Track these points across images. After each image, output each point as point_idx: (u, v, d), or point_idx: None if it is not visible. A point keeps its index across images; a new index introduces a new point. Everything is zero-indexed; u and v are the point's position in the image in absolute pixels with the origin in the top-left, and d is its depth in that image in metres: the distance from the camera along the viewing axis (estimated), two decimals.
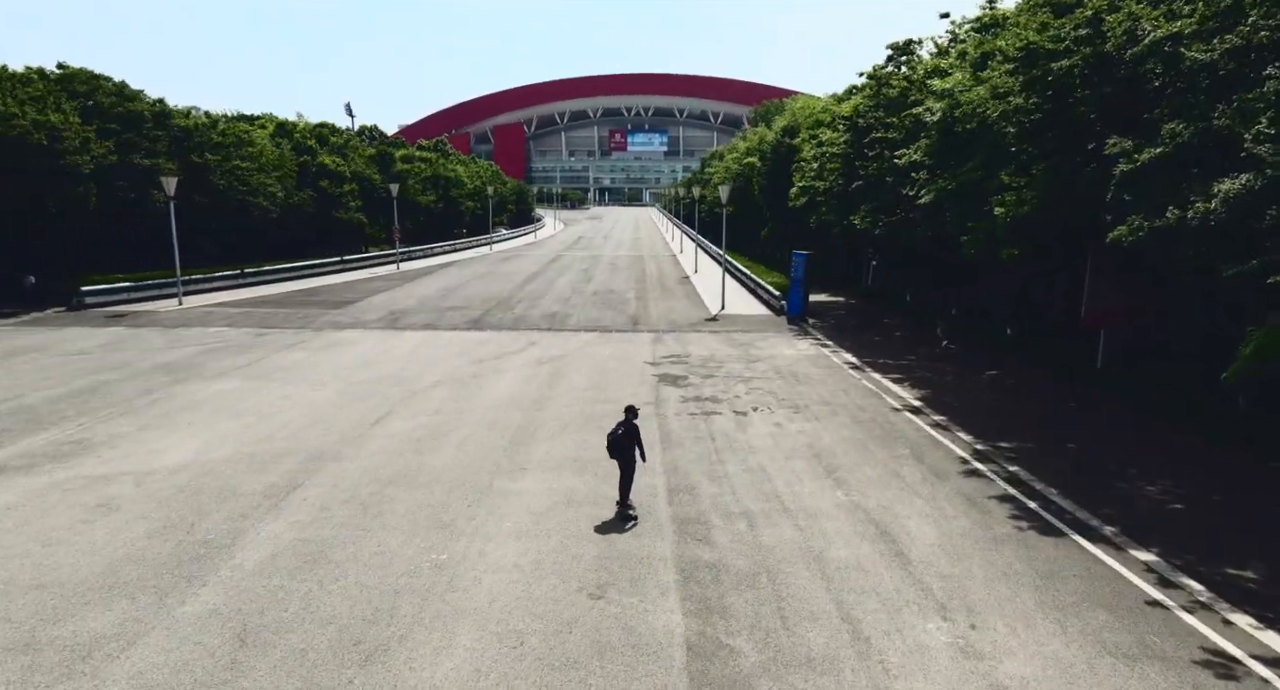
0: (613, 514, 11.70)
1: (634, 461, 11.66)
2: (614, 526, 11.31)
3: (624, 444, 11.52)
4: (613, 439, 11.57)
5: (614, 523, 11.43)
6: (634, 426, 11.63)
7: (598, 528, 11.26)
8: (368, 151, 59.58)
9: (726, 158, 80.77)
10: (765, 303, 36.46)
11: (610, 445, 11.58)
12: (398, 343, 26.31)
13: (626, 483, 11.80)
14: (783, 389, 20.05)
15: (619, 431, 11.55)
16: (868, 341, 27.31)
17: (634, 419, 11.75)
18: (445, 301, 36.63)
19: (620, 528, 11.27)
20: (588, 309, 34.80)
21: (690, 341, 27.23)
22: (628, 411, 11.89)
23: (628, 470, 11.72)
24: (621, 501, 11.83)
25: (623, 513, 11.69)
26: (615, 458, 11.66)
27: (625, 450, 11.54)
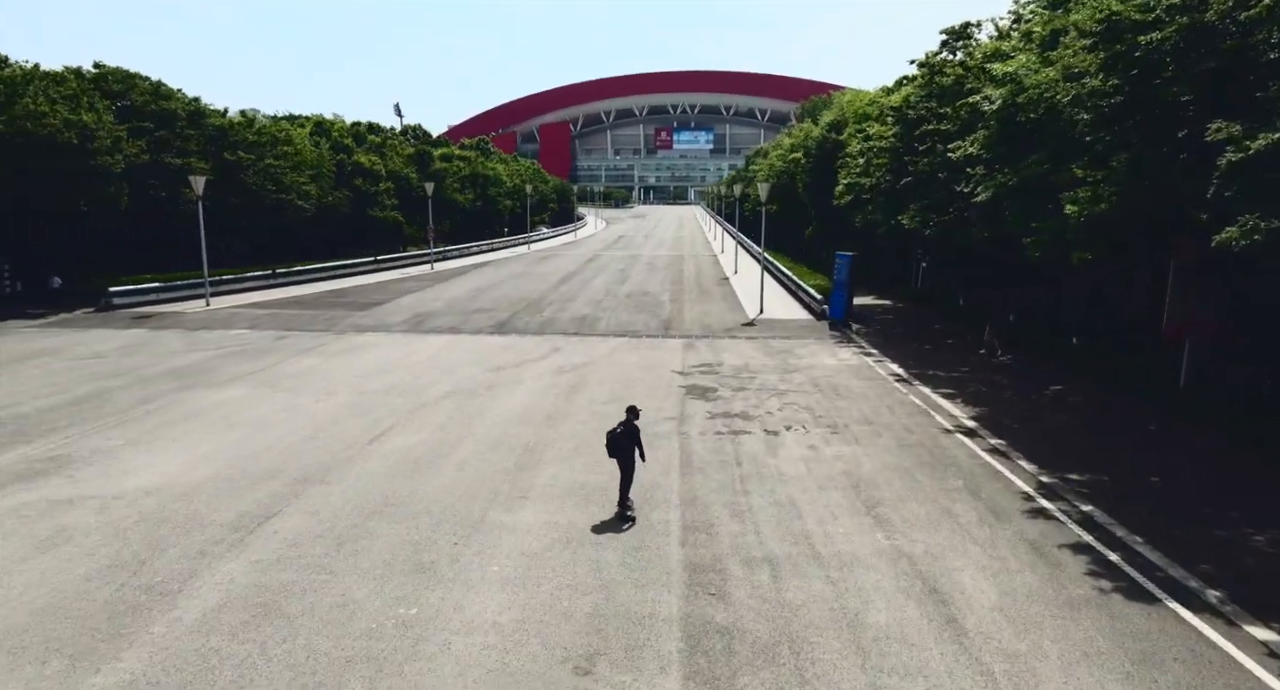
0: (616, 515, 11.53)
1: (634, 462, 11.50)
2: (614, 570, 9.81)
3: (623, 444, 11.36)
4: (612, 438, 11.41)
5: (613, 562, 9.94)
6: (634, 426, 11.47)
7: (596, 573, 9.78)
8: (406, 150, 59.19)
9: (771, 155, 78.58)
10: (807, 306, 34.55)
11: (610, 445, 11.45)
12: (417, 348, 25.25)
13: (626, 483, 11.62)
14: (821, 404, 18.28)
15: (619, 431, 11.40)
16: (916, 350, 25.28)
17: (635, 419, 11.56)
18: (474, 303, 35.61)
19: (619, 528, 10.52)
20: (619, 312, 33.37)
21: (724, 349, 25.57)
22: (629, 412, 11.67)
23: (627, 471, 11.55)
24: (620, 502, 11.64)
25: (621, 513, 11.52)
26: (614, 457, 11.51)
27: (625, 450, 11.38)
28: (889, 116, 26.63)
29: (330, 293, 38.36)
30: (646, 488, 12.71)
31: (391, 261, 49.56)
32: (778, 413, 17.61)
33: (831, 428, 16.41)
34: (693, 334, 28.53)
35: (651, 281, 45.17)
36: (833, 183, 47.00)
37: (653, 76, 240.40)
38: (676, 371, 22.12)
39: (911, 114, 23.81)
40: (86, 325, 28.13)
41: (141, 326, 28.06)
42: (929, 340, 27.12)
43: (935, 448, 15.05)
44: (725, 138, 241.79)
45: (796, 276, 38.26)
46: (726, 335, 28.26)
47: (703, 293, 40.49)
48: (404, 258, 51.37)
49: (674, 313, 33.42)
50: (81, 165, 29.85)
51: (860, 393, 19.51)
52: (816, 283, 35.25)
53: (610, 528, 11.17)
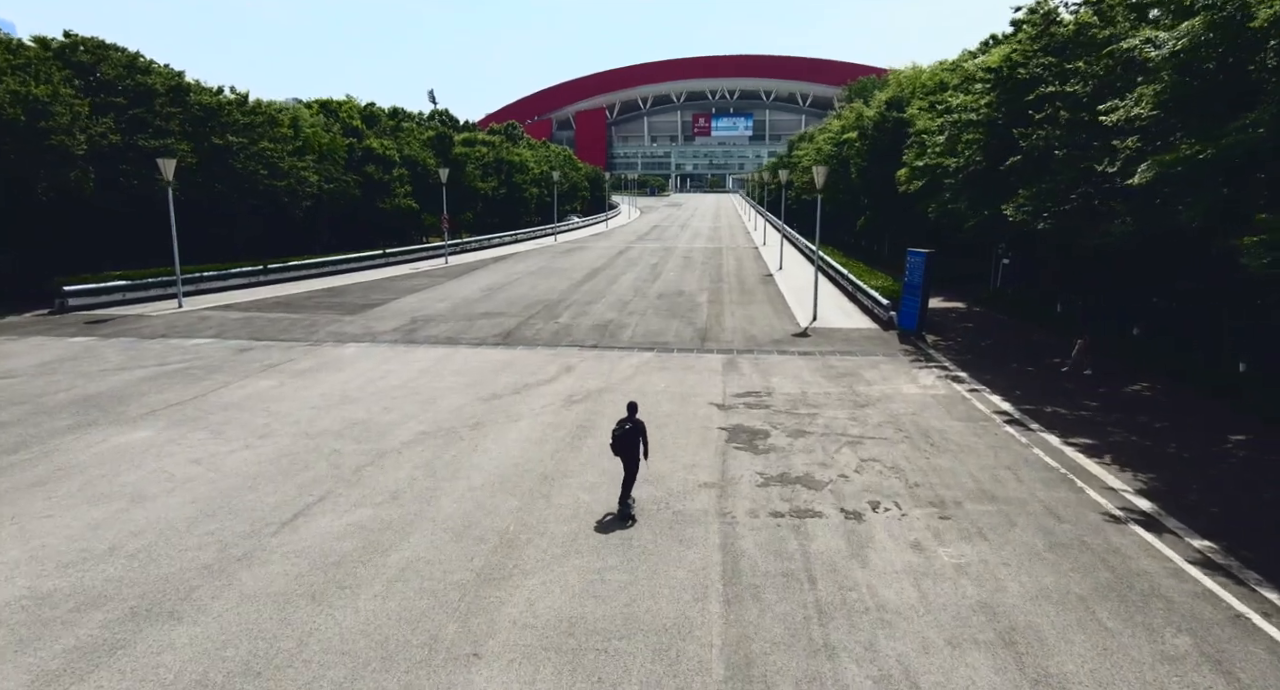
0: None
1: (638, 460, 11.33)
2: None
3: (628, 441, 11.14)
4: (617, 435, 11.19)
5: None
6: (640, 422, 11.26)
7: None
8: (424, 134, 55.02)
9: (817, 139, 72.85)
10: (868, 312, 29.42)
11: (614, 442, 11.22)
12: (400, 365, 20.88)
13: (629, 482, 11.41)
14: (913, 461, 13.41)
15: (625, 427, 11.17)
16: (1017, 374, 20.16)
17: (636, 414, 11.33)
18: (482, 305, 31.19)
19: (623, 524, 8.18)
20: (648, 318, 28.66)
21: (773, 369, 20.74)
22: (630, 408, 11.44)
23: (631, 469, 11.35)
24: (622, 499, 11.36)
25: (623, 512, 11.24)
26: (618, 455, 11.28)
27: (629, 448, 11.17)
28: (981, 81, 21.38)
29: (325, 291, 34.29)
30: (671, 628, 8.11)
31: (402, 255, 45.47)
32: (855, 476, 12.79)
33: (938, 506, 11.55)
34: (734, 347, 23.74)
35: (686, 279, 40.33)
36: (893, 167, 41.72)
37: (690, 62, 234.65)
38: (715, 403, 17.38)
39: (1023, 73, 18.52)
40: (25, 332, 24.31)
41: (91, 334, 24.14)
42: (1029, 359, 21.92)
43: (1108, 553, 10.10)
44: (765, 124, 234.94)
45: (854, 275, 33.11)
46: (775, 349, 23.40)
47: (744, 293, 35.55)
48: (416, 251, 47.24)
49: (712, 319, 28.60)
50: (34, 145, 26.02)
51: (963, 441, 14.56)
52: (879, 283, 30.13)
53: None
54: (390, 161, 46.09)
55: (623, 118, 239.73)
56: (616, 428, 11.21)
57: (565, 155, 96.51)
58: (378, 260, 43.31)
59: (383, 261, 43.58)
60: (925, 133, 29.55)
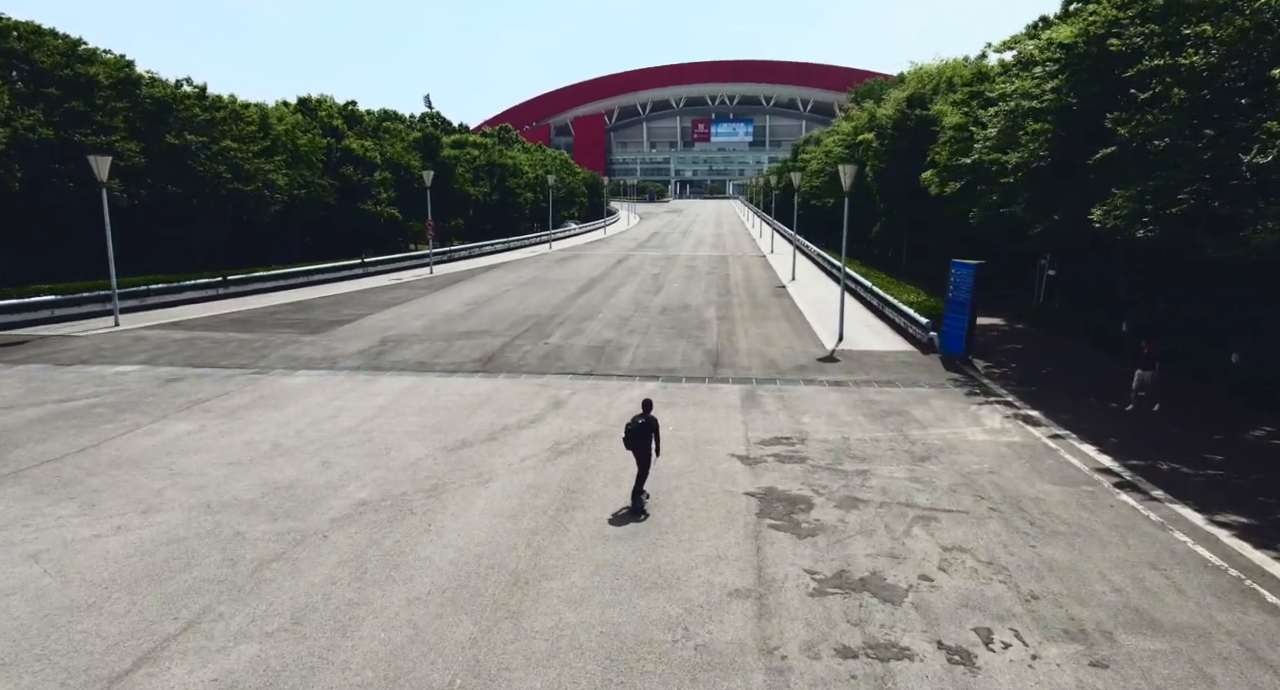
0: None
1: (650, 455, 11.39)
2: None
3: (641, 437, 11.24)
4: (631, 429, 11.23)
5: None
6: (653, 419, 11.37)
7: None
8: (410, 135, 51.64)
9: (825, 141, 69.57)
10: (902, 332, 25.94)
11: (628, 435, 11.27)
12: (356, 400, 17.38)
13: (642, 476, 11.46)
14: (1015, 552, 9.92)
15: (639, 423, 11.24)
16: (1101, 411, 16.67)
17: (650, 411, 11.47)
18: (464, 323, 27.69)
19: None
20: (651, 337, 25.18)
21: (802, 404, 17.25)
22: (645, 405, 11.60)
23: (644, 464, 11.40)
24: (634, 495, 11.47)
25: (635, 506, 11.40)
26: (631, 449, 11.38)
27: (642, 442, 11.27)
28: (1047, 61, 17.87)
29: (291, 306, 30.79)
30: None
31: (382, 264, 41.96)
32: (942, 577, 9.30)
33: (1078, 639, 8.04)
34: (752, 374, 20.27)
35: (692, 291, 36.87)
36: (916, 168, 38.50)
37: (690, 67, 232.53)
38: (738, 455, 13.89)
39: (1115, 44, 14.99)
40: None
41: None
42: (1107, 391, 18.40)
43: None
44: (765, 129, 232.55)
45: (881, 288, 29.64)
46: (800, 377, 19.92)
47: (757, 307, 32.07)
48: (398, 260, 43.74)
49: (723, 338, 25.12)
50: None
51: (1072, 518, 11.05)
52: (913, 299, 26.69)
53: None
54: (371, 163, 42.66)
55: (622, 123, 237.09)
56: (630, 423, 11.40)
57: (562, 159, 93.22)
58: (355, 270, 39.83)
59: (361, 272, 40.09)
60: (960, 128, 26.16)
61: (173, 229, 31.74)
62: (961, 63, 40.98)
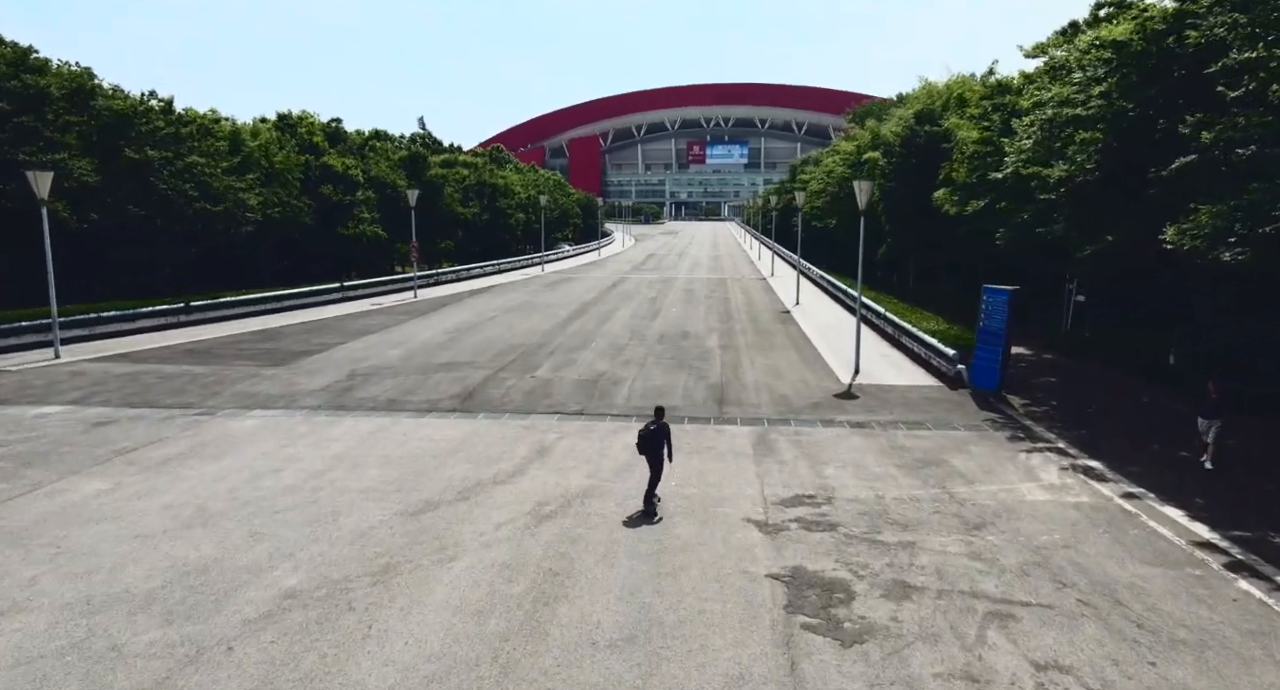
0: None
1: (662, 460, 11.63)
2: None
3: (654, 442, 11.54)
4: (643, 435, 11.55)
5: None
6: (665, 425, 11.73)
7: None
8: (397, 154, 49.69)
9: (825, 161, 67.95)
10: (924, 364, 23.71)
11: (640, 441, 11.60)
12: (310, 447, 15.04)
13: (655, 480, 11.73)
14: (1128, 670, 7.62)
15: (650, 428, 11.57)
16: (1170, 462, 14.41)
17: (663, 418, 11.85)
18: (443, 353, 25.38)
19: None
20: (648, 369, 22.92)
21: (823, 451, 14.98)
22: (657, 412, 12.00)
23: (656, 468, 11.68)
24: (647, 498, 11.76)
25: (648, 510, 11.69)
26: (644, 454, 11.66)
27: (655, 448, 11.55)
28: (1097, 63, 15.83)
29: (257, 334, 28.46)
30: None
31: (363, 288, 39.69)
32: None
33: None
34: (763, 413, 18.02)
35: (691, 316, 34.68)
36: (926, 186, 36.68)
37: (685, 89, 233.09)
38: (754, 521, 11.60)
39: (1193, 38, 12.90)
40: None
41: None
42: (1168, 436, 16.15)
43: None
44: (760, 152, 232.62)
45: (896, 315, 27.47)
46: (816, 416, 17.67)
47: (762, 335, 29.85)
48: (380, 284, 41.46)
49: (727, 370, 22.87)
50: None
51: (1191, 619, 8.73)
52: (933, 328, 24.54)
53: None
54: (353, 182, 40.56)
55: (616, 145, 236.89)
56: (643, 429, 11.63)
57: (555, 180, 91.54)
58: (334, 295, 37.55)
59: (340, 296, 37.82)
60: (984, 142, 24.19)
61: (132, 252, 29.47)
62: (969, 78, 39.36)
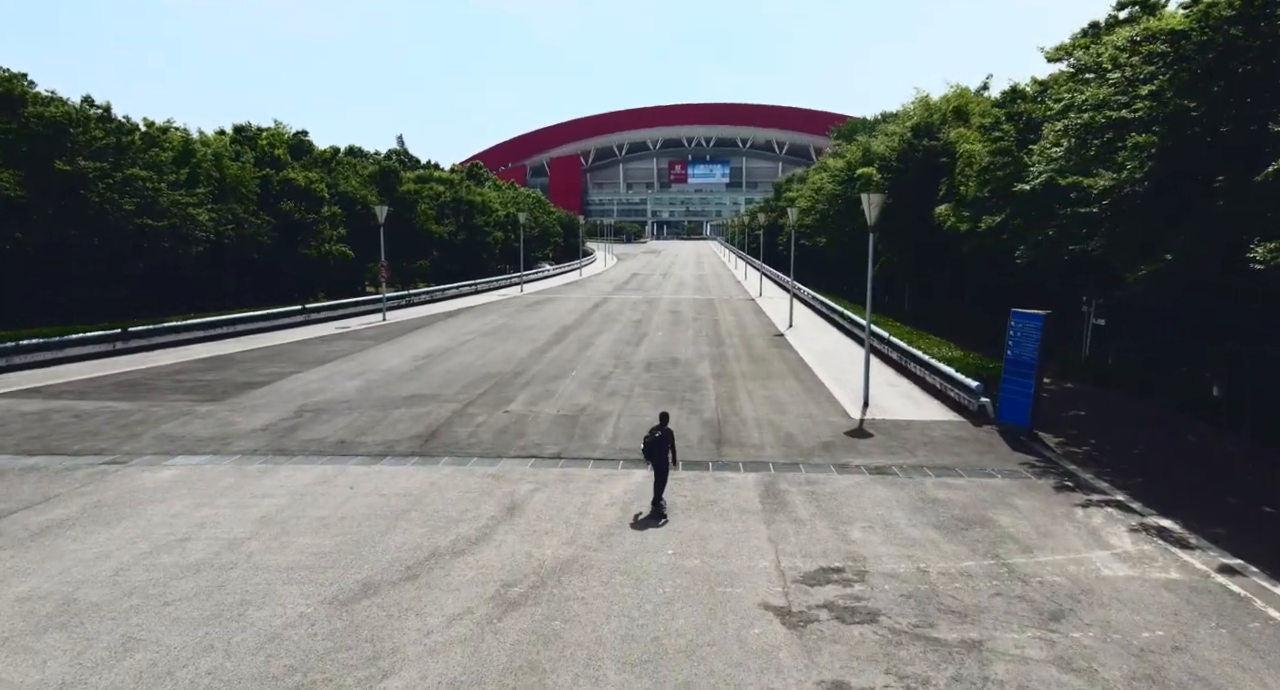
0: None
1: (667, 465, 12.13)
2: None
3: (658, 448, 11.95)
4: (649, 442, 12.01)
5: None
6: (669, 431, 12.15)
7: None
8: (367, 169, 47.27)
9: (812, 178, 66.41)
10: (936, 394, 21.53)
11: (646, 447, 12.03)
12: (231, 507, 12.50)
13: (660, 484, 12.17)
14: None
15: (655, 435, 12.00)
16: (1260, 518, 12.23)
17: (667, 424, 12.29)
18: (408, 384, 22.87)
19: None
20: (635, 402, 20.56)
21: (845, 506, 12.68)
22: (662, 417, 12.51)
23: (662, 473, 12.13)
24: (654, 501, 12.13)
25: (656, 512, 12.03)
26: (649, 459, 12.10)
27: (660, 453, 11.96)
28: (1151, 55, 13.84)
29: (204, 363, 25.79)
30: None
31: (327, 311, 37.05)
32: None
33: None
34: (768, 456, 15.74)
35: (679, 340, 32.40)
36: (926, 203, 35.01)
37: (666, 109, 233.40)
38: (773, 607, 9.27)
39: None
40: None
41: None
42: (1231, 479, 14.03)
43: None
44: (742, 171, 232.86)
45: (902, 340, 25.36)
46: (829, 460, 15.41)
47: (757, 362, 27.61)
48: (347, 306, 38.83)
49: (723, 403, 20.56)
50: None
51: None
52: (948, 355, 22.43)
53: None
54: (318, 198, 38.05)
55: (598, 164, 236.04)
56: (648, 435, 12.16)
57: (535, 198, 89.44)
58: (296, 318, 34.90)
59: (302, 319, 35.17)
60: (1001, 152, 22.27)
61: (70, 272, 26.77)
62: (967, 91, 37.79)
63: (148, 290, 31.25)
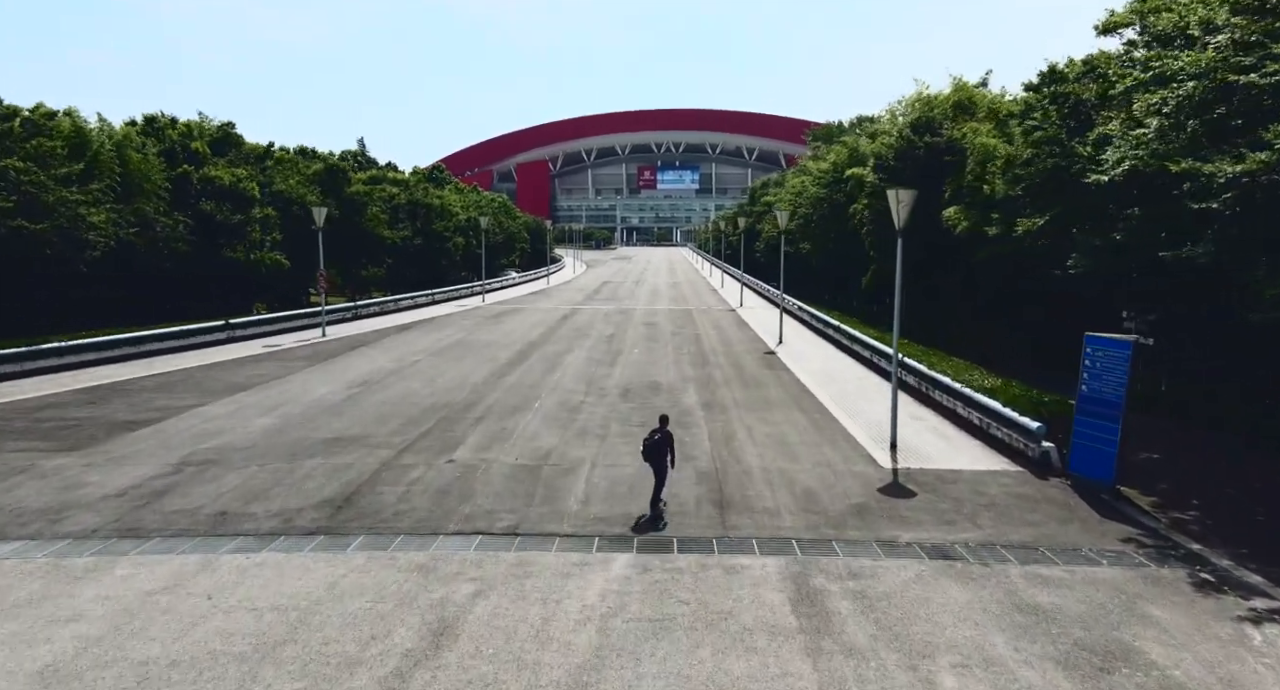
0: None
1: (666, 467, 11.90)
2: None
3: (657, 450, 11.76)
4: (648, 444, 11.82)
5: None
6: (668, 433, 11.96)
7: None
8: (311, 168, 42.71)
9: (791, 182, 63.13)
10: (971, 429, 17.82)
11: (645, 450, 11.86)
12: (1, 653, 8.27)
13: (659, 487, 11.93)
14: None
15: (655, 438, 11.82)
16: None
17: (666, 426, 12.09)
18: (333, 421, 18.61)
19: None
20: (612, 444, 16.57)
21: (914, 623, 8.83)
22: (662, 420, 12.27)
23: (661, 475, 11.91)
24: (653, 504, 11.89)
25: (654, 515, 11.81)
26: (649, 462, 11.89)
27: (659, 456, 11.78)
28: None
29: (83, 394, 21.26)
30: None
31: (257, 327, 32.49)
32: None
33: None
34: (787, 526, 11.94)
35: (658, 359, 28.50)
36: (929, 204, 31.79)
37: (635, 115, 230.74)
38: None
39: None
40: None
41: None
42: None
43: None
44: (711, 177, 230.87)
45: (922, 363, 21.73)
46: (870, 534, 11.60)
47: (750, 386, 23.78)
48: (281, 320, 34.23)
49: (719, 444, 16.66)
50: None
51: None
52: (977, 381, 18.80)
53: None
54: (246, 197, 33.46)
55: (566, 170, 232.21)
56: (647, 437, 11.91)
57: (500, 202, 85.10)
58: (218, 335, 30.32)
59: (226, 336, 30.60)
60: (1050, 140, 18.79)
61: None
62: (968, 85, 34.61)
63: (40, 302, 26.50)
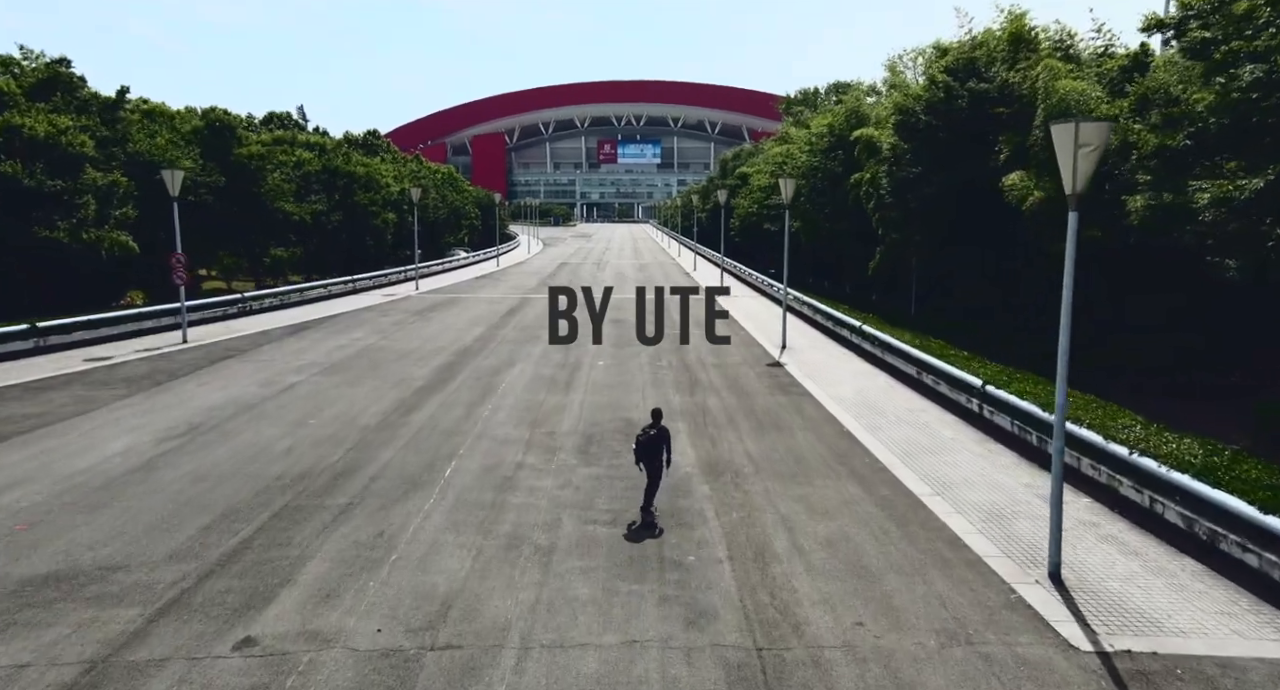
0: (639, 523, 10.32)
1: (661, 468, 10.83)
2: None
3: (652, 448, 10.68)
4: (642, 441, 10.70)
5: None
6: (664, 429, 10.86)
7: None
8: (188, 124, 34.05)
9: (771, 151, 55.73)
10: (1141, 514, 10.87)
11: (638, 448, 10.74)
12: None
13: (652, 489, 10.83)
14: None
15: (650, 433, 10.74)
16: None
17: (661, 421, 10.87)
18: (88, 521, 10.91)
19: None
20: (561, 579, 9.21)
21: None
22: (654, 414, 10.99)
23: (654, 476, 10.81)
24: (644, 508, 10.78)
25: (647, 521, 10.68)
26: (642, 461, 10.77)
27: (653, 454, 10.72)
28: None
29: None
30: None
31: (84, 330, 24.15)
32: None
33: None
34: None
35: (630, 378, 21.10)
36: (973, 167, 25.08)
37: (596, 86, 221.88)
38: None
39: None
40: None
41: None
42: None
43: None
44: (673, 152, 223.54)
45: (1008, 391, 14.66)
46: None
47: (765, 428, 16.50)
48: (120, 320, 25.81)
49: (749, 572, 9.45)
50: None
51: None
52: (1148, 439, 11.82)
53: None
54: (73, 157, 24.93)
55: (523, 143, 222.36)
56: (641, 434, 10.84)
57: (445, 173, 76.26)
58: (24, 343, 22.05)
59: (33, 345, 22.33)
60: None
61: None
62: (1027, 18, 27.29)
63: None
